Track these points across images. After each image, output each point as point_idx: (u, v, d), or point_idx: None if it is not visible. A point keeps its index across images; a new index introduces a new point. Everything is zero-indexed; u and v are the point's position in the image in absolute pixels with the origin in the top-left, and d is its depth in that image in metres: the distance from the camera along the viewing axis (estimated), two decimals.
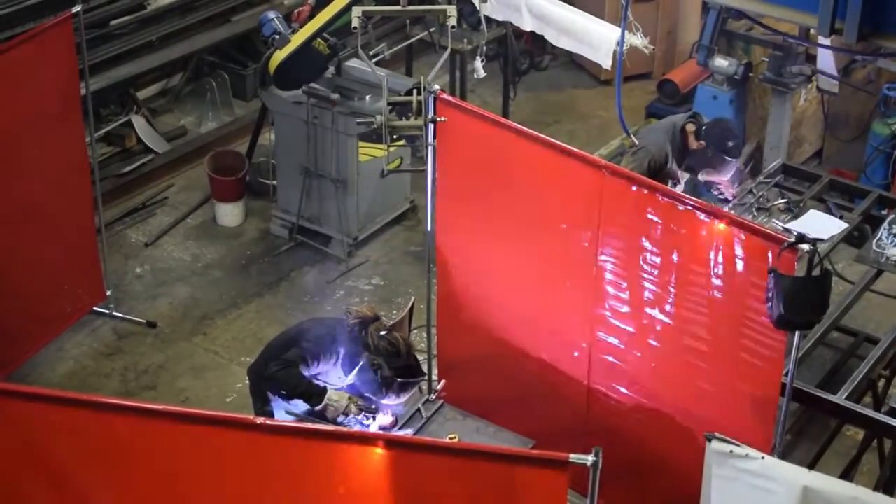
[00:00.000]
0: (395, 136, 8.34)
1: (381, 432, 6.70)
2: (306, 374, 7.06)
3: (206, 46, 12.36)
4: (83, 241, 9.34)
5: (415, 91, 8.00)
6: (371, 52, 9.71)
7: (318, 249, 10.44)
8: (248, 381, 7.54)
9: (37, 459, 5.74)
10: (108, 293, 9.67)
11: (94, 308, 9.67)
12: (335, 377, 7.14)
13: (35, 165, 8.66)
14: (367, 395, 7.14)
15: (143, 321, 9.67)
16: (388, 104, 8.26)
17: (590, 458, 4.93)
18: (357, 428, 6.93)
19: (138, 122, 11.85)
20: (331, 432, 5.43)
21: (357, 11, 8.54)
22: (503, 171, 7.20)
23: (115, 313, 9.73)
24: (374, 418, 7.08)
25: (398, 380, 7.00)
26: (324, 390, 7.02)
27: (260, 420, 5.32)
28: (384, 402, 7.12)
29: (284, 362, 7.08)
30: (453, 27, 8.56)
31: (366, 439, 5.39)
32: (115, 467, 5.73)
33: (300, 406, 7.05)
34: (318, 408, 7.01)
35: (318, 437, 5.36)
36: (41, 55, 8.48)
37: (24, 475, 5.82)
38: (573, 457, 4.96)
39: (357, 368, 7.10)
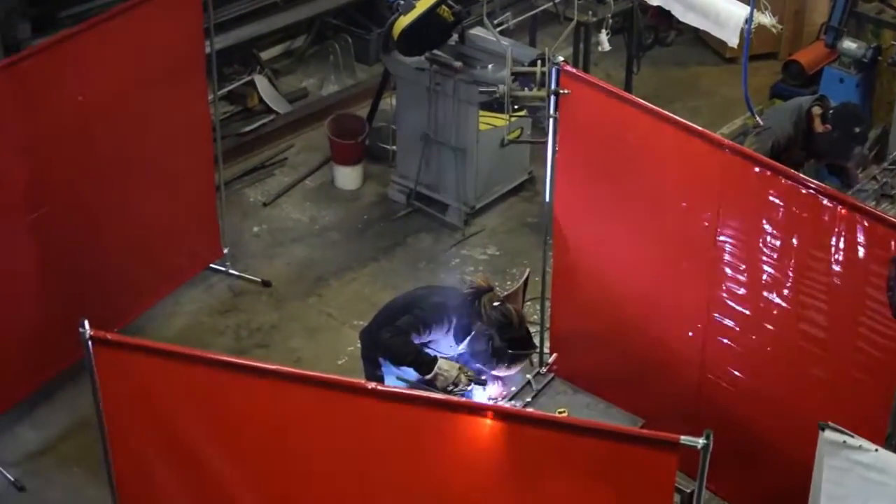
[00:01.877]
0: (516, 107, 8.30)
1: (491, 403, 6.69)
2: (417, 341, 7.06)
3: (330, 9, 12.39)
4: (203, 199, 9.44)
5: (539, 62, 7.95)
6: (495, 21, 9.66)
7: (435, 216, 10.44)
8: (359, 345, 7.55)
9: (149, 412, 5.82)
10: (226, 251, 9.76)
11: (211, 265, 9.78)
12: (446, 346, 7.13)
13: (159, 122, 8.76)
14: (477, 365, 7.13)
15: (259, 280, 9.75)
16: (512, 74, 8.21)
17: (700, 441, 4.89)
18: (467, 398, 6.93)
19: (261, 82, 11.93)
20: (441, 401, 5.45)
21: None
22: (624, 146, 7.14)
23: (231, 271, 9.83)
24: (484, 389, 7.07)
25: (509, 351, 6.96)
26: (434, 359, 7.01)
27: (371, 385, 5.35)
28: (494, 373, 7.11)
29: (396, 329, 7.07)
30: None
31: (476, 410, 5.40)
32: (226, 424, 5.80)
33: (411, 373, 7.05)
34: (427, 377, 7.02)
35: (428, 406, 5.37)
36: (168, 13, 8.56)
37: (135, 427, 5.91)
38: (684, 439, 4.92)
39: (469, 338, 7.08)
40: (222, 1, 11.08)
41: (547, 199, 7.49)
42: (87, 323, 5.50)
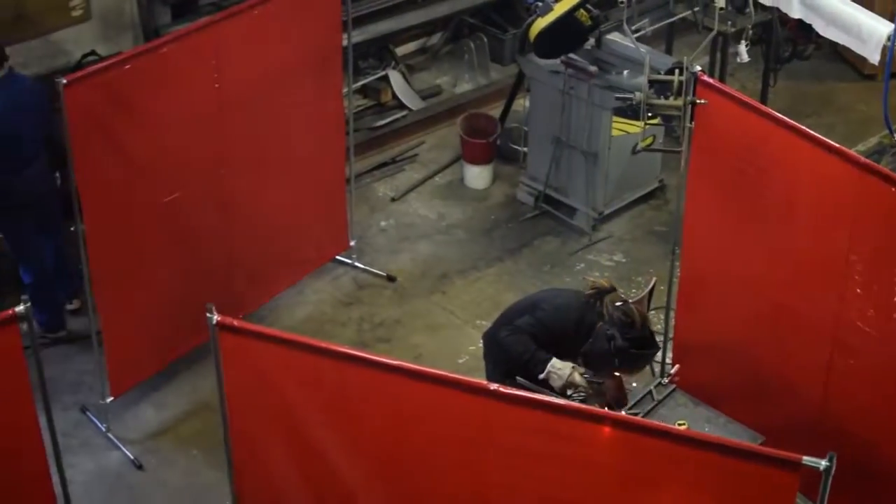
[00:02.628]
0: (651, 115, 8.24)
1: (611, 411, 6.65)
2: (536, 342, 7.03)
3: (468, 8, 12.39)
4: (333, 191, 9.50)
5: (676, 71, 7.89)
6: (633, 27, 9.60)
7: (563, 220, 10.40)
8: (481, 345, 7.55)
9: (270, 399, 5.88)
10: (352, 243, 9.83)
11: (337, 257, 9.85)
12: (567, 347, 7.08)
13: (294, 113, 8.84)
14: (598, 366, 7.07)
15: (384, 274, 9.80)
16: (649, 82, 8.15)
17: (823, 463, 4.82)
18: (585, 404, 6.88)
19: (395, 77, 11.97)
20: (560, 406, 5.41)
21: None
22: (758, 158, 7.06)
23: (356, 264, 9.89)
24: (601, 388, 7.03)
25: (631, 350, 6.87)
26: (548, 358, 6.98)
27: (493, 386, 5.34)
28: (616, 374, 7.07)
29: (515, 328, 7.07)
30: (721, 9, 8.41)
31: (594, 417, 5.36)
32: (345, 416, 5.83)
33: (561, 371, 7.01)
34: (541, 376, 7.00)
35: (547, 410, 5.34)
36: (307, 5, 8.64)
37: (256, 413, 5.97)
38: (806, 459, 4.85)
39: (591, 339, 7.03)
40: None
41: (678, 208, 7.43)
42: (214, 309, 5.57)
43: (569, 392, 6.99)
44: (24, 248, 8.90)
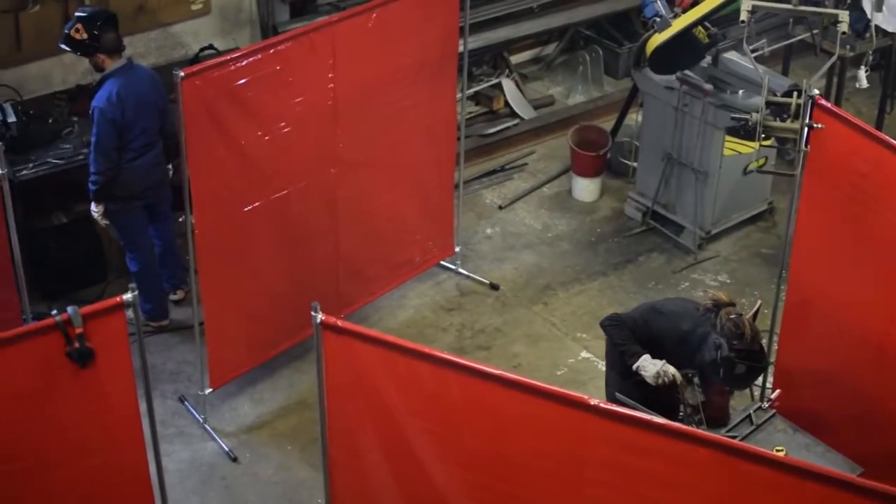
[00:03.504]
0: (765, 136, 8.15)
1: (709, 433, 6.58)
2: (635, 336, 7.04)
3: (584, 19, 12.38)
4: (441, 195, 9.51)
5: (794, 93, 7.80)
6: (751, 47, 9.51)
7: (669, 237, 10.33)
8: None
9: (369, 400, 5.90)
10: (457, 249, 9.85)
11: (442, 262, 9.87)
12: (680, 354, 7.03)
13: (407, 115, 8.87)
14: (705, 375, 7.02)
15: (487, 282, 9.79)
16: (766, 103, 8.06)
17: None
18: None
19: (508, 85, 11.98)
20: (659, 425, 5.36)
21: (747, 4, 8.34)
22: (873, 186, 6.95)
23: (460, 270, 9.90)
24: (695, 387, 6.98)
25: (737, 362, 6.80)
26: (642, 352, 6.97)
27: (593, 401, 5.30)
28: (721, 386, 7.01)
29: (618, 319, 7.18)
30: (844, 33, 8.31)
31: (692, 438, 5.31)
32: (442, 421, 5.83)
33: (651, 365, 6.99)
34: (633, 367, 7.00)
35: (646, 428, 5.30)
36: (425, 10, 8.67)
37: (354, 413, 5.99)
38: None
39: (700, 348, 6.96)
40: (478, 2, 11.17)
41: (787, 231, 7.34)
42: (319, 307, 5.60)
43: (659, 381, 6.94)
44: (133, 236, 9.02)
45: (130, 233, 9.01)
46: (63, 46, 8.72)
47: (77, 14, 8.74)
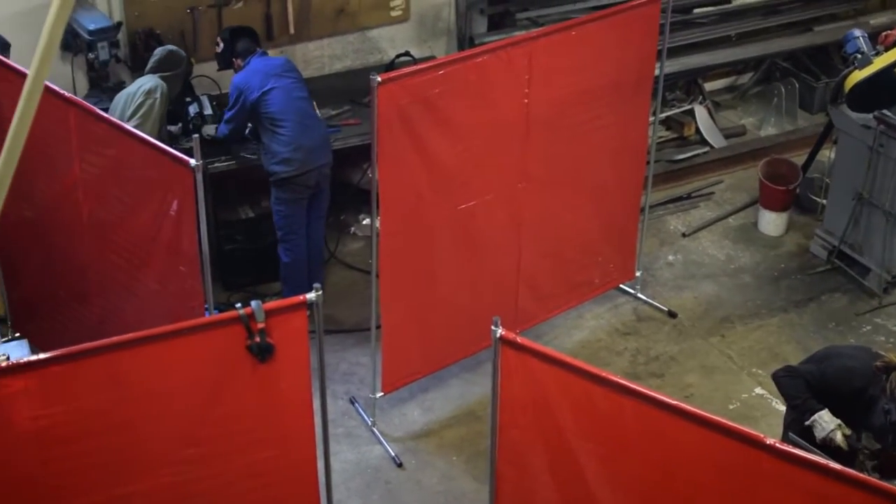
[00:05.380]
0: None
1: (884, 483, 6.42)
2: (810, 390, 6.90)
3: (781, 51, 12.25)
4: (626, 219, 9.45)
5: None
6: None
7: (854, 278, 10.10)
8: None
9: (541, 418, 5.89)
10: (638, 274, 9.78)
11: (621, 285, 9.81)
12: (850, 410, 6.89)
13: (598, 135, 8.83)
14: (872, 438, 6.87)
15: (665, 309, 9.71)
16: None
17: None
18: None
19: (700, 112, 11.88)
20: (833, 470, 5.23)
21: None
22: None
23: (639, 295, 9.84)
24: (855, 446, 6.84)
25: None
26: (819, 408, 6.83)
27: (769, 440, 5.21)
28: (891, 451, 6.84)
29: (793, 371, 7.04)
30: None
31: (866, 486, 5.17)
32: (612, 446, 5.80)
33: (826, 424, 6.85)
34: (806, 422, 6.85)
35: (820, 472, 5.18)
36: (628, 29, 8.63)
37: (525, 429, 5.99)
38: None
39: (870, 409, 6.83)
40: (677, 27, 11.12)
41: None
42: (499, 322, 5.60)
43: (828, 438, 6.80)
44: (290, 228, 9.19)
45: (289, 224, 9.20)
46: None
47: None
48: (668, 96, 11.67)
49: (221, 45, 9.23)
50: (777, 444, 5.23)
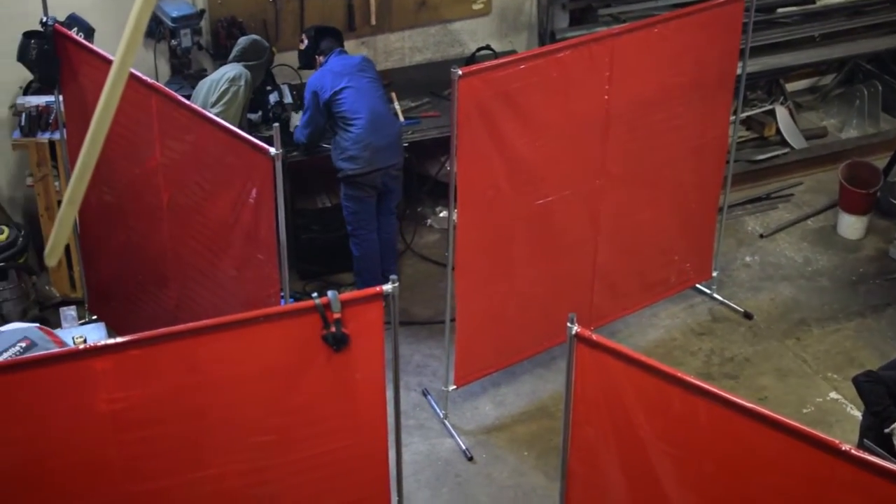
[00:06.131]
0: None
1: None
2: (892, 397, 6.83)
3: (865, 53, 12.10)
4: (703, 218, 9.39)
5: None
6: None
7: None
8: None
9: (614, 416, 5.87)
10: (714, 274, 9.72)
11: (697, 285, 9.76)
12: None
13: (678, 134, 8.79)
14: None
15: (741, 310, 9.63)
16: None
17: None
18: None
19: (781, 113, 11.78)
20: None
21: None
22: None
23: (715, 295, 9.77)
24: None
25: None
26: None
27: (845, 446, 5.16)
28: None
29: (875, 376, 6.96)
30: None
31: None
32: (685, 447, 5.76)
33: None
34: (886, 430, 6.79)
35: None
36: (710, 28, 8.58)
37: (598, 427, 5.97)
38: None
39: None
40: (760, 26, 11.02)
41: None
42: (575, 319, 5.58)
43: None
44: (359, 224, 9.22)
45: (360, 217, 9.25)
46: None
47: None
48: (749, 96, 11.58)
49: (305, 42, 9.28)
50: (852, 451, 5.17)
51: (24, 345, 6.53)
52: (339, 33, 9.36)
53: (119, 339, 5.61)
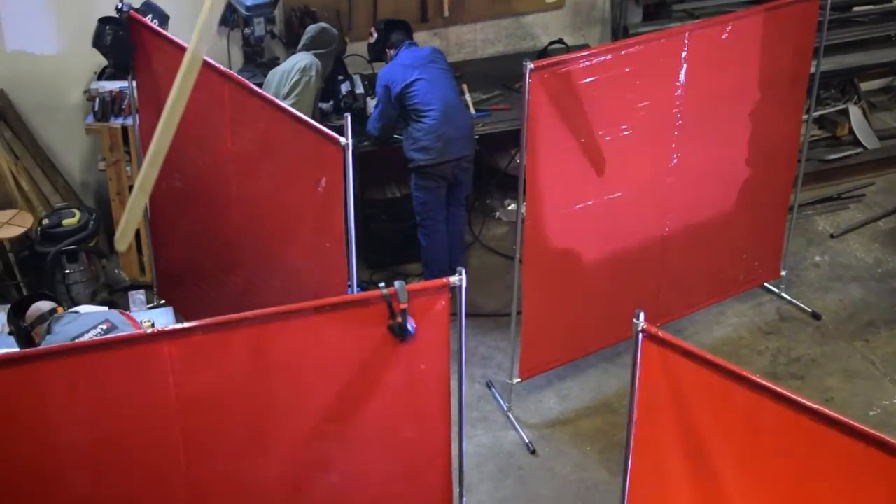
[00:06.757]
0: None
1: None
2: None
3: None
4: (773, 217, 9.34)
5: None
6: None
7: None
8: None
9: (679, 415, 5.83)
10: (783, 273, 9.65)
11: (765, 284, 9.69)
12: None
13: (749, 131, 8.74)
14: None
15: (809, 310, 9.55)
16: None
17: None
18: None
19: (854, 113, 11.68)
20: None
21: None
22: None
23: (783, 294, 9.70)
24: None
25: None
26: None
27: None
28: None
29: None
30: None
31: None
32: (750, 448, 5.71)
33: None
34: None
35: None
36: (784, 26, 8.52)
37: (662, 425, 5.93)
38: None
39: None
40: (835, 24, 10.93)
41: None
42: (642, 315, 5.57)
43: None
44: (428, 214, 9.24)
45: (428, 208, 9.25)
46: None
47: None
48: (822, 95, 11.48)
49: (375, 35, 9.30)
50: None
51: (104, 327, 6.61)
52: (409, 26, 9.37)
53: (187, 324, 5.66)
